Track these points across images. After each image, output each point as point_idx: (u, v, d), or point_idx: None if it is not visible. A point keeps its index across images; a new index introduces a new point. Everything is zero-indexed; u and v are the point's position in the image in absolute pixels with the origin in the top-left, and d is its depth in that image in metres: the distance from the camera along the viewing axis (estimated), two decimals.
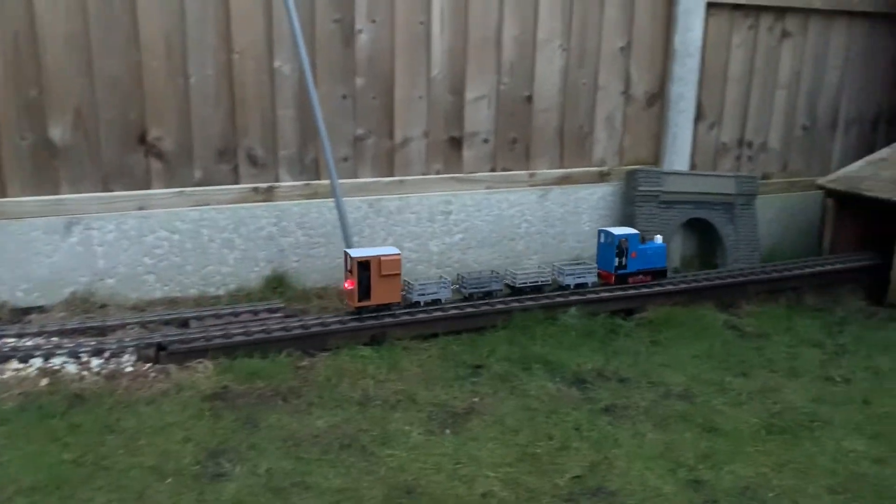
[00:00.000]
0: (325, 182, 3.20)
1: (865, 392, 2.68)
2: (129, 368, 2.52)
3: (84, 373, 2.48)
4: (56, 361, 2.50)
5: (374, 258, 2.77)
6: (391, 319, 2.84)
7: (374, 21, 3.24)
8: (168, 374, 2.51)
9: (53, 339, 2.62)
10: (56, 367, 2.48)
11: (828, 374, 2.82)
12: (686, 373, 2.77)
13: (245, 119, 3.13)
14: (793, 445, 2.31)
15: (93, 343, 2.59)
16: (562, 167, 3.73)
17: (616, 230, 3.25)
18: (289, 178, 3.25)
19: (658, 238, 3.36)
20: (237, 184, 3.17)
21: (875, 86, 4.37)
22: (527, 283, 3.14)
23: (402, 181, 3.42)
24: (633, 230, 3.28)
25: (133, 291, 3.05)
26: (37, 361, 2.49)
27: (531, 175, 3.66)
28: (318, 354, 2.72)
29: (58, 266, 2.94)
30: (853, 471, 2.19)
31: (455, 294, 3.07)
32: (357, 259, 2.75)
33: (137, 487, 1.96)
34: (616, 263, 3.24)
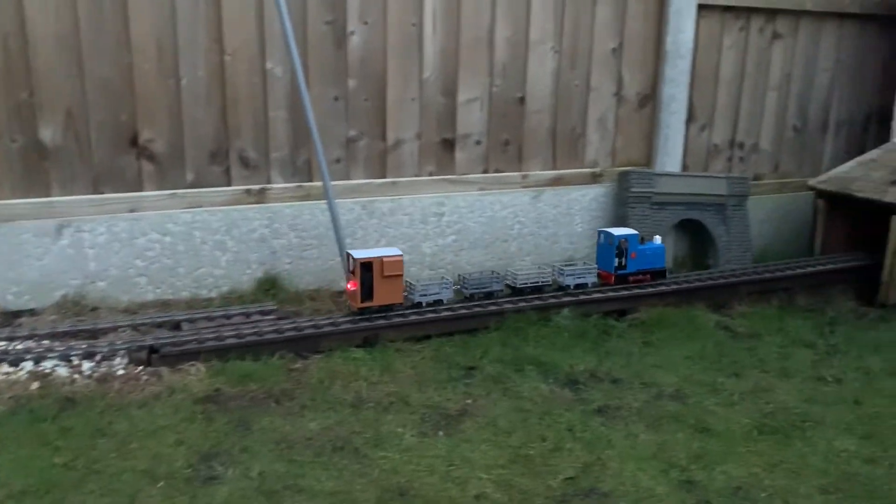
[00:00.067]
0: (318, 184, 3.20)
1: (856, 392, 2.70)
2: (121, 371, 2.52)
3: (75, 376, 2.47)
4: (47, 365, 2.49)
5: (377, 259, 2.77)
6: (384, 321, 2.84)
7: (367, 23, 3.23)
8: (160, 377, 2.51)
9: (44, 343, 2.61)
10: (47, 371, 2.47)
11: (819, 375, 2.83)
12: (678, 373, 2.77)
13: (237, 121, 3.12)
14: (785, 445, 2.32)
15: (84, 346, 2.58)
16: (554, 168, 3.74)
17: (616, 231, 3.26)
18: (281, 180, 3.24)
19: (657, 239, 3.37)
20: (229, 186, 3.16)
21: (865, 87, 4.39)
22: (527, 284, 3.15)
23: (395, 183, 3.42)
24: (633, 231, 3.29)
25: (125, 294, 3.04)
26: (28, 365, 2.48)
27: (524, 176, 3.67)
28: (311, 357, 2.72)
29: (49, 269, 2.93)
30: (844, 470, 2.20)
31: (457, 295, 3.07)
32: (360, 260, 2.75)
33: (129, 491, 1.95)
34: (616, 264, 3.25)
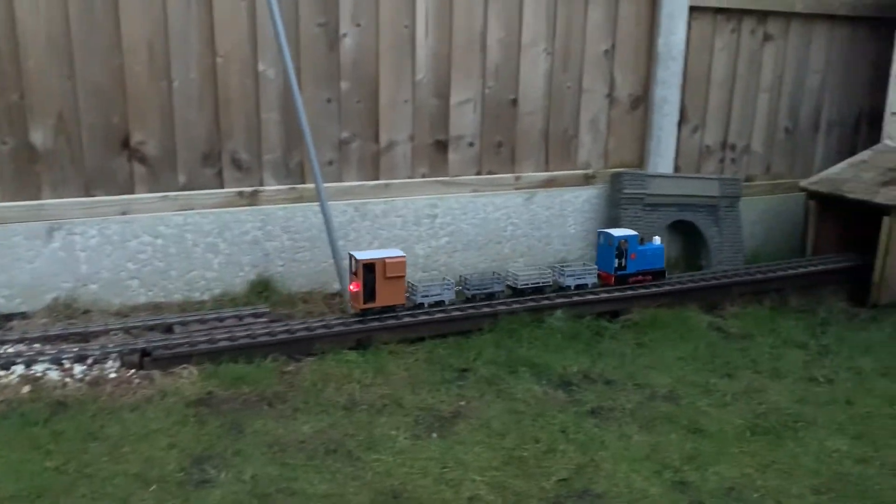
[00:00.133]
0: (310, 186, 3.19)
1: (848, 392, 2.71)
2: (113, 375, 2.51)
3: (67, 379, 2.46)
4: (38, 368, 2.48)
5: (379, 260, 2.78)
6: (377, 324, 2.84)
7: (359, 25, 3.23)
8: (152, 381, 2.50)
9: (36, 346, 2.60)
10: (38, 374, 2.46)
11: (811, 375, 2.84)
12: (671, 374, 2.78)
13: (229, 123, 3.11)
14: (777, 446, 2.33)
15: (76, 349, 2.57)
16: (547, 170, 3.74)
17: (615, 232, 3.27)
18: (274, 182, 3.23)
19: (656, 239, 3.38)
20: (221, 188, 3.15)
21: (856, 88, 4.41)
22: (528, 285, 3.16)
23: (388, 185, 3.42)
24: (633, 232, 3.30)
25: (116, 297, 3.03)
26: (19, 368, 2.47)
27: (517, 178, 3.67)
28: (304, 359, 2.71)
29: (40, 272, 2.91)
30: (836, 471, 2.21)
31: (458, 296, 3.08)
32: (362, 261, 2.75)
33: (121, 495, 1.94)
34: (616, 265, 3.26)
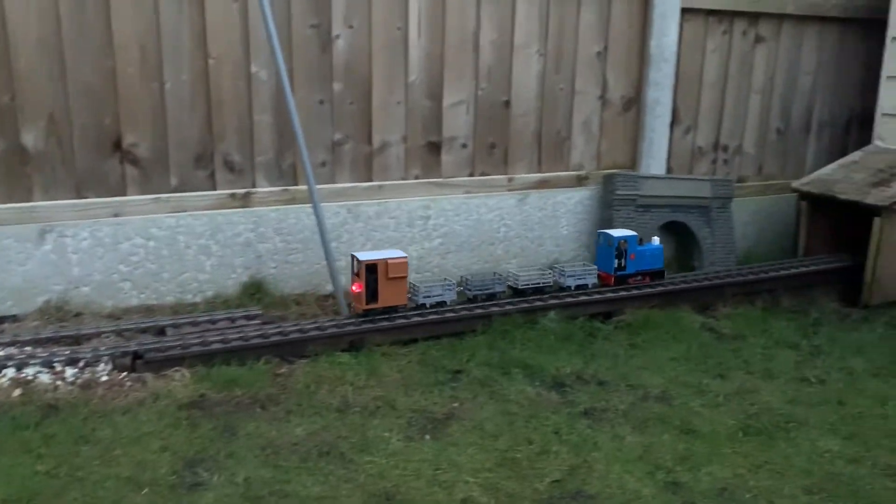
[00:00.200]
0: (303, 187, 3.19)
1: (840, 393, 2.72)
2: (105, 377, 2.49)
3: (58, 383, 2.44)
4: (29, 371, 2.46)
5: (382, 261, 2.78)
6: (370, 325, 2.83)
7: (352, 26, 3.23)
8: (144, 383, 2.49)
9: (27, 349, 2.59)
10: (29, 378, 2.44)
11: (803, 376, 2.85)
12: (664, 375, 2.79)
13: (222, 124, 3.11)
14: (769, 446, 2.34)
15: (67, 352, 2.56)
16: (540, 172, 3.75)
17: (615, 232, 3.28)
18: (266, 184, 3.23)
19: (655, 240, 3.39)
20: (214, 190, 3.15)
21: (847, 90, 4.44)
22: (529, 285, 3.17)
23: (381, 186, 3.42)
24: (632, 232, 3.31)
25: (108, 299, 3.02)
26: (9, 371, 2.45)
27: (510, 179, 3.67)
28: (297, 361, 2.71)
29: (31, 274, 2.90)
30: (828, 471, 2.22)
31: (460, 296, 3.09)
32: (365, 262, 2.75)
33: (113, 499, 1.94)
34: (616, 265, 3.27)
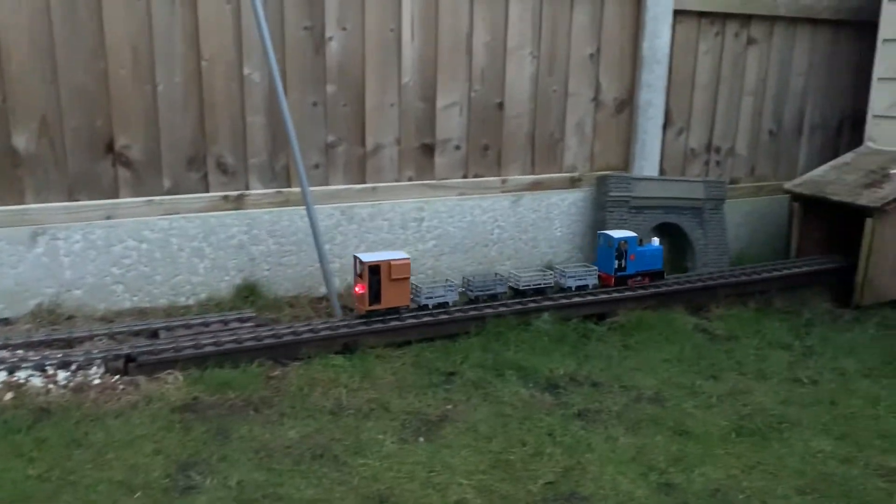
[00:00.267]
0: (296, 189, 3.19)
1: (832, 393, 2.73)
2: (97, 381, 2.49)
3: (50, 386, 2.43)
4: (21, 375, 2.45)
5: (385, 262, 2.78)
6: (363, 328, 2.83)
7: (345, 28, 3.23)
8: (137, 386, 2.48)
9: (19, 352, 2.57)
10: (21, 381, 2.43)
11: (796, 376, 2.86)
12: (657, 376, 2.79)
13: (214, 127, 3.10)
14: (762, 447, 2.35)
15: (59, 355, 2.54)
16: (533, 173, 3.75)
17: (615, 233, 3.30)
18: (259, 186, 3.22)
19: (655, 241, 3.40)
20: (207, 192, 3.14)
21: (839, 91, 4.46)
22: (530, 286, 3.18)
23: (375, 188, 3.42)
24: (632, 233, 3.32)
25: (101, 302, 3.01)
26: (1, 375, 2.44)
27: (503, 181, 3.68)
28: (290, 364, 2.70)
29: (23, 277, 2.89)
30: (821, 471, 2.23)
31: (461, 297, 3.10)
32: (368, 263, 2.75)
33: (105, 502, 1.93)
34: (616, 266, 3.28)
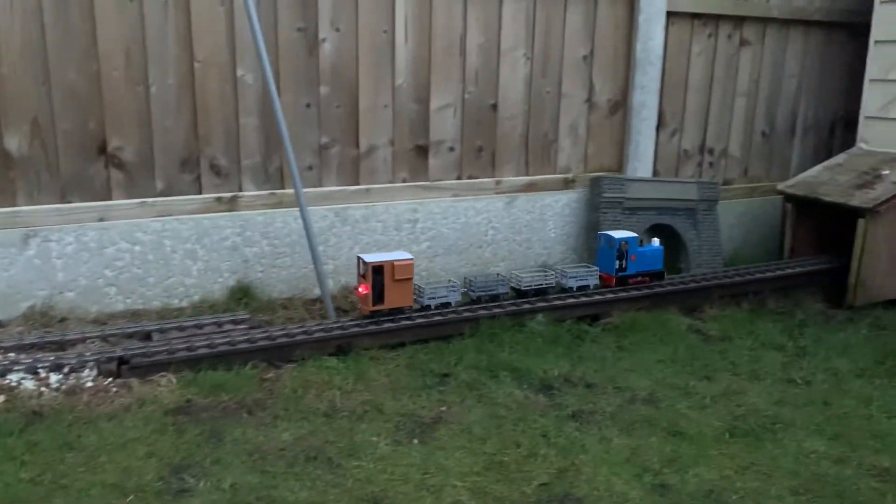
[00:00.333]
0: (290, 191, 3.18)
1: (825, 393, 2.73)
2: (90, 383, 2.48)
3: (42, 389, 2.42)
4: (13, 378, 2.44)
5: (388, 263, 2.78)
6: (357, 329, 2.83)
7: (338, 30, 3.23)
8: (130, 389, 2.47)
9: (10, 355, 2.56)
10: (13, 384, 2.42)
11: (789, 377, 2.87)
12: (651, 377, 2.79)
13: (208, 128, 3.09)
14: (756, 448, 2.35)
15: (52, 358, 2.53)
16: (527, 175, 3.75)
17: (616, 234, 3.31)
18: (253, 188, 3.22)
19: (655, 241, 3.41)
20: (200, 194, 3.13)
21: (831, 93, 4.48)
22: (532, 287, 3.19)
23: (368, 190, 3.41)
24: (633, 234, 3.33)
25: (94, 304, 2.99)
26: None
27: (497, 182, 3.68)
28: (284, 366, 2.70)
29: (15, 279, 2.87)
30: (814, 471, 2.23)
31: (463, 297, 3.11)
32: (371, 264, 2.76)
33: None
34: (617, 266, 3.29)
